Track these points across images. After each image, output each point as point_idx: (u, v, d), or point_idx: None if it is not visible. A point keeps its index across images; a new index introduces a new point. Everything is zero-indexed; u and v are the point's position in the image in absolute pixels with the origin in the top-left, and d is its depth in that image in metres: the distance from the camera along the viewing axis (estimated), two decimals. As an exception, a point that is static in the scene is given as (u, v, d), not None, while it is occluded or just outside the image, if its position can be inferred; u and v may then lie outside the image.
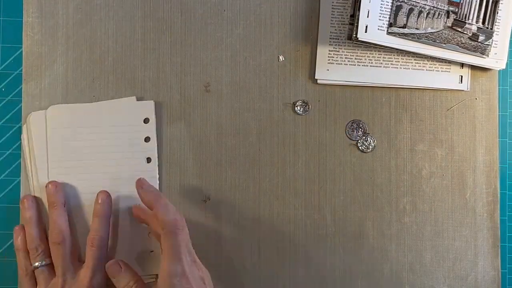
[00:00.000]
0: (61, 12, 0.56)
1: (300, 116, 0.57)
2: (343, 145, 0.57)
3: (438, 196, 0.58)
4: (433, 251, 0.57)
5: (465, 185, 0.58)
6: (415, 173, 0.58)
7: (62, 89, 0.56)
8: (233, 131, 0.57)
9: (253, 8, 0.58)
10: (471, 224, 0.57)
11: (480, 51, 0.56)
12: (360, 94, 0.58)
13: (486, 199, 0.58)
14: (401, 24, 0.55)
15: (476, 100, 0.58)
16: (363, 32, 0.55)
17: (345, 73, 0.57)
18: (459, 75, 0.58)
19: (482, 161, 0.58)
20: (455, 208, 0.58)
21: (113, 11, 0.57)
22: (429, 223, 0.57)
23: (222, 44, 0.57)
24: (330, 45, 0.57)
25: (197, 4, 0.57)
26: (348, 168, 0.57)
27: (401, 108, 0.58)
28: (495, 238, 0.57)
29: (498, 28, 0.56)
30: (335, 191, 0.57)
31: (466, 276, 0.57)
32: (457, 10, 0.56)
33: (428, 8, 0.55)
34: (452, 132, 0.58)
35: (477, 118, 0.58)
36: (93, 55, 0.56)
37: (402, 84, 0.58)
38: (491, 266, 0.57)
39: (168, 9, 0.57)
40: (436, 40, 0.56)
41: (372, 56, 0.57)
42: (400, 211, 0.57)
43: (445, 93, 0.58)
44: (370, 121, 0.58)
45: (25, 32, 0.56)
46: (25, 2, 0.56)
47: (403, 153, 0.58)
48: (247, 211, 0.57)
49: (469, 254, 0.57)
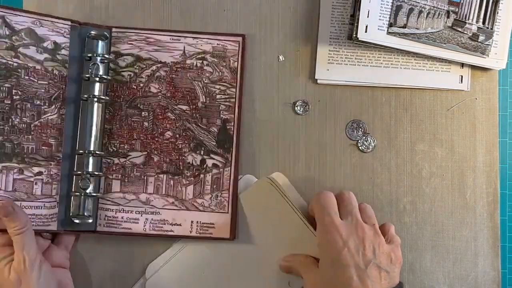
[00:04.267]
0: (61, 12, 0.56)
1: (300, 116, 0.57)
2: (343, 145, 0.57)
3: (438, 196, 0.58)
4: (433, 251, 0.57)
5: (465, 185, 0.58)
6: (415, 173, 0.58)
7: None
8: (233, 131, 0.57)
9: (253, 8, 0.58)
10: (471, 224, 0.57)
11: (480, 51, 0.56)
12: (360, 94, 0.58)
13: (486, 199, 0.58)
14: (401, 24, 0.55)
15: (476, 100, 0.58)
16: (363, 32, 0.55)
17: (345, 73, 0.57)
18: (459, 75, 0.58)
19: (482, 161, 0.58)
20: (455, 208, 0.57)
21: (113, 11, 0.57)
22: (429, 223, 0.57)
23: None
24: (330, 45, 0.57)
25: (197, 4, 0.57)
26: (348, 168, 0.57)
27: (401, 108, 0.58)
28: (495, 238, 0.57)
29: (498, 28, 0.56)
30: (335, 191, 0.57)
31: (466, 276, 0.57)
32: (457, 10, 0.56)
33: (428, 8, 0.55)
34: (452, 132, 0.58)
35: (477, 118, 0.58)
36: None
37: (402, 84, 0.58)
38: (491, 266, 0.57)
39: (168, 9, 0.57)
40: (436, 40, 0.56)
41: (372, 56, 0.57)
42: (400, 211, 0.57)
43: (445, 93, 0.58)
44: (370, 121, 0.58)
45: (25, 32, 0.56)
46: (25, 2, 0.56)
47: (403, 153, 0.58)
48: (247, 211, 0.57)
49: (469, 254, 0.57)
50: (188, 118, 0.56)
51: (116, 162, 0.55)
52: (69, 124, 0.54)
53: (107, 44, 0.55)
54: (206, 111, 0.56)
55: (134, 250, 0.56)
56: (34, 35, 0.53)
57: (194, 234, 0.55)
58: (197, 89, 0.56)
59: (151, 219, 0.55)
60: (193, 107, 0.56)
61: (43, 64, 0.53)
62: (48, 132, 0.53)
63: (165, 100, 0.55)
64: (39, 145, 0.53)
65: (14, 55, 0.53)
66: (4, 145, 0.52)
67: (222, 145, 0.56)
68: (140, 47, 0.56)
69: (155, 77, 0.56)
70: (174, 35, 0.56)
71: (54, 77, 0.54)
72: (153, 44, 0.56)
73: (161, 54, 0.56)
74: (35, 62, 0.53)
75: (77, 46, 0.54)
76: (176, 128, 0.56)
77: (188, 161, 0.55)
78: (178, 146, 0.55)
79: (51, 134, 0.53)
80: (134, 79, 0.55)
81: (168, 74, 0.56)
